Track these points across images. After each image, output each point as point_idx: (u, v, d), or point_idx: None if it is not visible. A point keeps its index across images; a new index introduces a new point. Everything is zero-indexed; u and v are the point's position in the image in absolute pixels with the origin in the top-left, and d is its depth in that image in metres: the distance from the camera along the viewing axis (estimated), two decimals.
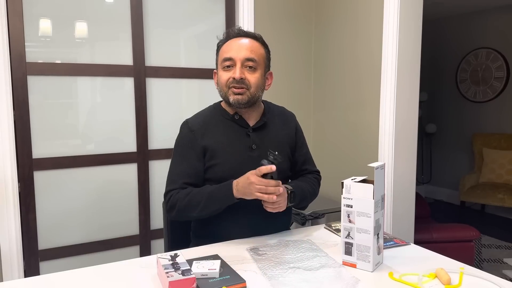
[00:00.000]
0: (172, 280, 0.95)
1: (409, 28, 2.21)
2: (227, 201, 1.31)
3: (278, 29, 2.69)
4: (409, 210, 2.34)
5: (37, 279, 1.10)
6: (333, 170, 2.65)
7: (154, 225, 2.42)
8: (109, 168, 2.29)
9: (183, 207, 1.35)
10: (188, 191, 1.35)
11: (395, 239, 1.38)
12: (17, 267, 2.04)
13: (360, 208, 1.13)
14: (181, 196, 1.35)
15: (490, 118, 4.59)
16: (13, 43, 2.00)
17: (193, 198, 1.33)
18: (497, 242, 3.57)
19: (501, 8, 4.42)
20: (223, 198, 1.31)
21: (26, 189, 2.09)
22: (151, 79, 2.36)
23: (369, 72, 2.39)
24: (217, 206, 1.33)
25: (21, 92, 2.05)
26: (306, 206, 1.51)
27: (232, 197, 1.30)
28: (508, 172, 4.27)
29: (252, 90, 1.37)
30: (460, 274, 1.09)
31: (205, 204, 1.32)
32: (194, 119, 1.45)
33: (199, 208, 1.33)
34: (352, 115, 2.54)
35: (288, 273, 1.10)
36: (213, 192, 1.32)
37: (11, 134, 1.99)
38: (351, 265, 1.16)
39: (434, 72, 5.12)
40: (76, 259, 2.23)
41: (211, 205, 1.32)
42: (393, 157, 2.24)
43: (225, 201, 1.32)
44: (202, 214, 1.35)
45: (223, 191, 1.31)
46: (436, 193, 5.18)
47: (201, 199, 1.32)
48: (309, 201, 1.51)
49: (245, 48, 1.36)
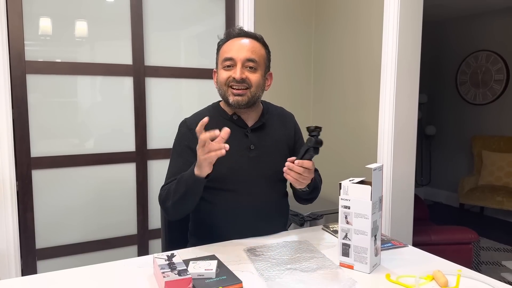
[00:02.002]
0: (168, 280, 0.95)
1: (409, 29, 2.21)
2: (191, 181, 1.23)
3: (278, 29, 2.69)
4: (407, 212, 2.34)
5: (34, 278, 1.10)
6: (331, 171, 2.65)
7: (152, 225, 2.41)
8: (108, 168, 2.29)
9: (163, 199, 1.35)
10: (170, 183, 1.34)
11: (392, 241, 1.38)
12: (14, 265, 2.03)
13: (358, 209, 1.13)
14: (164, 189, 1.36)
15: (489, 121, 4.59)
16: (12, 42, 2.00)
17: (169, 188, 1.33)
18: (495, 245, 3.57)
19: (501, 11, 4.42)
20: (187, 179, 1.25)
21: (24, 188, 2.09)
22: (150, 78, 2.36)
23: (369, 73, 2.39)
24: (183, 188, 1.26)
25: (20, 90, 2.05)
26: (313, 198, 1.49)
27: (193, 175, 1.21)
28: (507, 175, 4.26)
29: (253, 90, 1.36)
30: (457, 276, 1.09)
31: (175, 189, 1.29)
32: (193, 118, 1.45)
33: (171, 195, 1.30)
34: (351, 116, 2.54)
35: (285, 274, 1.10)
36: (180, 177, 1.29)
37: (9, 132, 1.99)
38: (348, 267, 1.15)
39: (434, 74, 5.12)
40: (74, 258, 2.23)
41: (179, 189, 1.27)
42: (392, 159, 2.23)
43: (189, 181, 1.24)
44: (175, 202, 1.29)
45: (186, 173, 1.27)
46: (435, 195, 5.18)
47: (172, 186, 1.31)
48: (317, 194, 1.49)
49: (246, 48, 1.36)
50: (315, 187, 1.42)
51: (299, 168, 1.22)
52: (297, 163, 1.22)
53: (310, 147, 1.20)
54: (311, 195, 1.44)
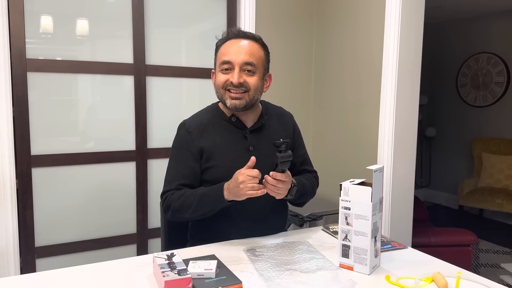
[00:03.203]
0: (168, 280, 0.95)
1: (410, 31, 2.21)
2: (218, 203, 1.30)
3: (280, 29, 2.69)
4: (407, 213, 2.34)
5: (33, 276, 1.10)
6: (331, 172, 2.65)
7: (152, 224, 2.41)
8: (108, 166, 2.29)
9: (176, 208, 1.35)
10: (182, 192, 1.35)
11: (392, 243, 1.38)
12: (13, 263, 2.03)
13: (358, 210, 1.12)
14: (175, 198, 1.35)
15: (490, 123, 4.59)
16: (13, 40, 2.00)
17: (186, 199, 1.33)
18: (494, 247, 3.57)
19: (502, 13, 4.42)
20: (214, 201, 1.30)
21: (24, 186, 2.09)
22: (151, 77, 2.36)
23: (370, 75, 2.39)
24: (208, 208, 1.31)
25: (21, 88, 2.05)
26: (303, 203, 1.49)
27: (223, 200, 1.28)
28: (507, 177, 4.26)
29: (251, 93, 1.36)
30: (457, 278, 1.08)
31: (197, 205, 1.31)
32: (191, 120, 1.45)
33: (191, 210, 1.32)
34: (352, 117, 2.54)
35: (285, 275, 1.10)
36: (204, 194, 1.32)
37: (10, 130, 1.99)
38: (348, 268, 1.15)
39: (435, 75, 5.12)
40: (73, 256, 2.23)
41: (202, 207, 1.31)
42: (392, 160, 2.23)
43: (215, 203, 1.30)
44: (194, 216, 1.34)
45: (214, 193, 1.30)
46: (435, 197, 5.18)
47: (193, 201, 1.32)
48: (308, 199, 1.49)
49: (244, 51, 1.35)
50: (302, 194, 1.43)
51: (272, 180, 1.24)
52: (271, 175, 1.24)
53: (276, 163, 1.23)
54: (298, 201, 1.45)
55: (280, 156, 1.21)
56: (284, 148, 1.23)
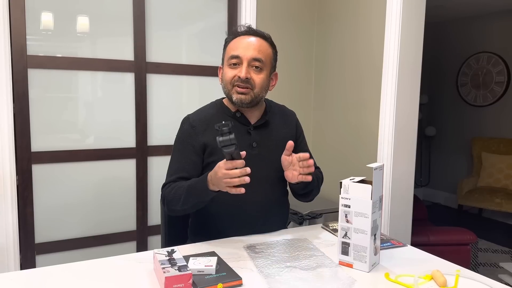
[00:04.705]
0: (169, 276, 0.95)
1: (411, 30, 2.21)
2: (204, 194, 1.26)
3: (280, 28, 2.69)
4: (406, 212, 2.34)
5: (32, 272, 1.10)
6: (331, 170, 2.65)
7: (152, 221, 2.42)
8: (108, 163, 2.29)
9: (169, 200, 1.35)
10: (175, 185, 1.35)
11: (392, 241, 1.38)
12: (13, 260, 2.04)
13: (358, 208, 1.13)
14: (169, 190, 1.36)
15: (489, 123, 4.60)
16: (14, 36, 2.00)
17: (176, 191, 1.33)
18: (493, 247, 3.57)
19: (503, 13, 4.42)
20: (199, 192, 1.27)
21: (24, 183, 2.09)
22: (151, 75, 2.36)
23: (370, 73, 2.39)
24: (195, 200, 1.29)
25: (21, 85, 2.04)
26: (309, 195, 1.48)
27: (207, 191, 1.24)
28: (506, 177, 4.27)
29: (256, 91, 1.36)
30: (456, 276, 1.09)
31: (185, 197, 1.30)
32: (196, 115, 1.45)
33: (180, 202, 1.31)
34: (352, 116, 2.55)
35: (285, 272, 1.10)
36: (191, 185, 1.30)
37: (10, 127, 1.99)
38: (348, 265, 1.16)
39: (435, 75, 5.12)
40: (73, 253, 2.23)
41: (190, 198, 1.30)
42: (392, 159, 2.24)
43: (201, 194, 1.27)
44: (185, 208, 1.33)
45: (199, 184, 1.28)
46: (434, 196, 5.19)
47: (182, 193, 1.31)
48: (314, 193, 1.49)
49: (253, 47, 1.35)
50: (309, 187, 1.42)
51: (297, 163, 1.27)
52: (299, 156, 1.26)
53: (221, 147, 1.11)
54: (306, 189, 1.44)
55: (219, 140, 1.09)
56: (226, 130, 1.09)
